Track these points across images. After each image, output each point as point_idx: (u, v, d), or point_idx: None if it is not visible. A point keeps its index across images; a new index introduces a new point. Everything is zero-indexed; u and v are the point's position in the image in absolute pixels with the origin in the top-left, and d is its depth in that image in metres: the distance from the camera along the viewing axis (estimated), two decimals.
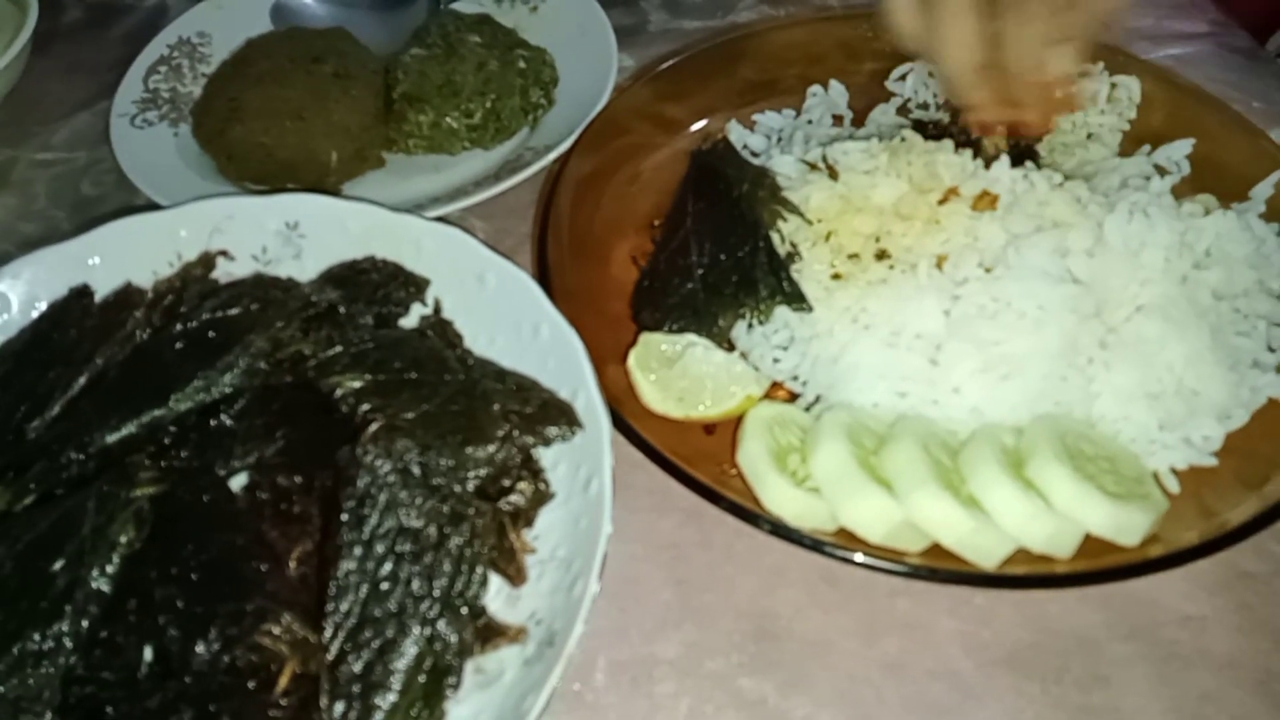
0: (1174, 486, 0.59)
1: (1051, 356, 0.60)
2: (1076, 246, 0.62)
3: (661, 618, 0.58)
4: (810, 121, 0.82)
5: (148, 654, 0.49)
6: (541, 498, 0.57)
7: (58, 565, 0.50)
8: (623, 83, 0.86)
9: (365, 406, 0.57)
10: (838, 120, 0.83)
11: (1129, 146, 0.77)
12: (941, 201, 0.66)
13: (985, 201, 0.65)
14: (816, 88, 0.84)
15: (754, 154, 0.79)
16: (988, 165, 0.68)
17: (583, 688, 0.56)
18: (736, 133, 0.81)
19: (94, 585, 0.50)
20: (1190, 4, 0.97)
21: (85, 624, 0.49)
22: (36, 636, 0.48)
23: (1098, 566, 0.53)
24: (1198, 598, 0.57)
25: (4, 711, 0.46)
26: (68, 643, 0.48)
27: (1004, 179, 0.66)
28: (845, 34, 0.86)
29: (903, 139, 0.72)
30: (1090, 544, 0.55)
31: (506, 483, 0.56)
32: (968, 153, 0.69)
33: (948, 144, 0.70)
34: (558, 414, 0.58)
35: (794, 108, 0.84)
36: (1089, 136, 0.78)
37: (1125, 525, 0.54)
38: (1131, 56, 0.80)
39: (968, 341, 0.61)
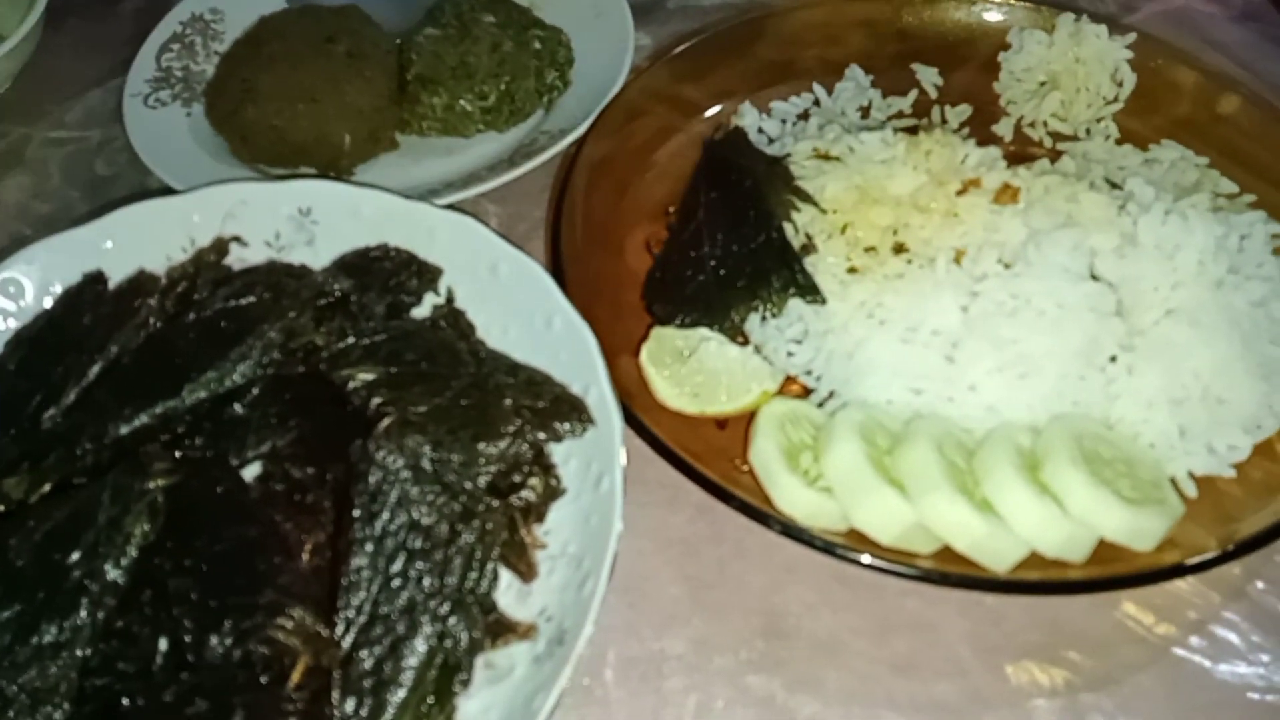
0: (1192, 492, 0.58)
1: (1070, 356, 0.59)
2: (1105, 246, 0.61)
3: (671, 613, 0.58)
4: (843, 113, 0.80)
5: (162, 645, 0.49)
6: (552, 493, 0.57)
7: (74, 557, 0.50)
8: (639, 63, 0.85)
9: (377, 399, 0.57)
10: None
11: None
12: (960, 193, 0.65)
13: (1007, 195, 0.64)
14: (851, 68, 0.82)
15: (770, 139, 0.78)
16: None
17: (592, 682, 0.56)
18: (750, 117, 0.80)
19: (109, 577, 0.50)
20: None
21: (101, 616, 0.49)
22: (54, 629, 0.48)
23: (1111, 574, 0.53)
24: (1212, 603, 0.57)
25: (22, 704, 0.46)
26: (84, 635, 0.49)
27: (1027, 172, 0.65)
28: (866, 14, 0.85)
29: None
30: (1104, 548, 0.54)
31: (517, 478, 0.56)
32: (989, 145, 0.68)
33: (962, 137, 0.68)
34: (570, 410, 0.57)
35: (811, 90, 0.82)
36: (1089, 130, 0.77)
37: (1141, 531, 0.53)
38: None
39: (985, 339, 0.60)
